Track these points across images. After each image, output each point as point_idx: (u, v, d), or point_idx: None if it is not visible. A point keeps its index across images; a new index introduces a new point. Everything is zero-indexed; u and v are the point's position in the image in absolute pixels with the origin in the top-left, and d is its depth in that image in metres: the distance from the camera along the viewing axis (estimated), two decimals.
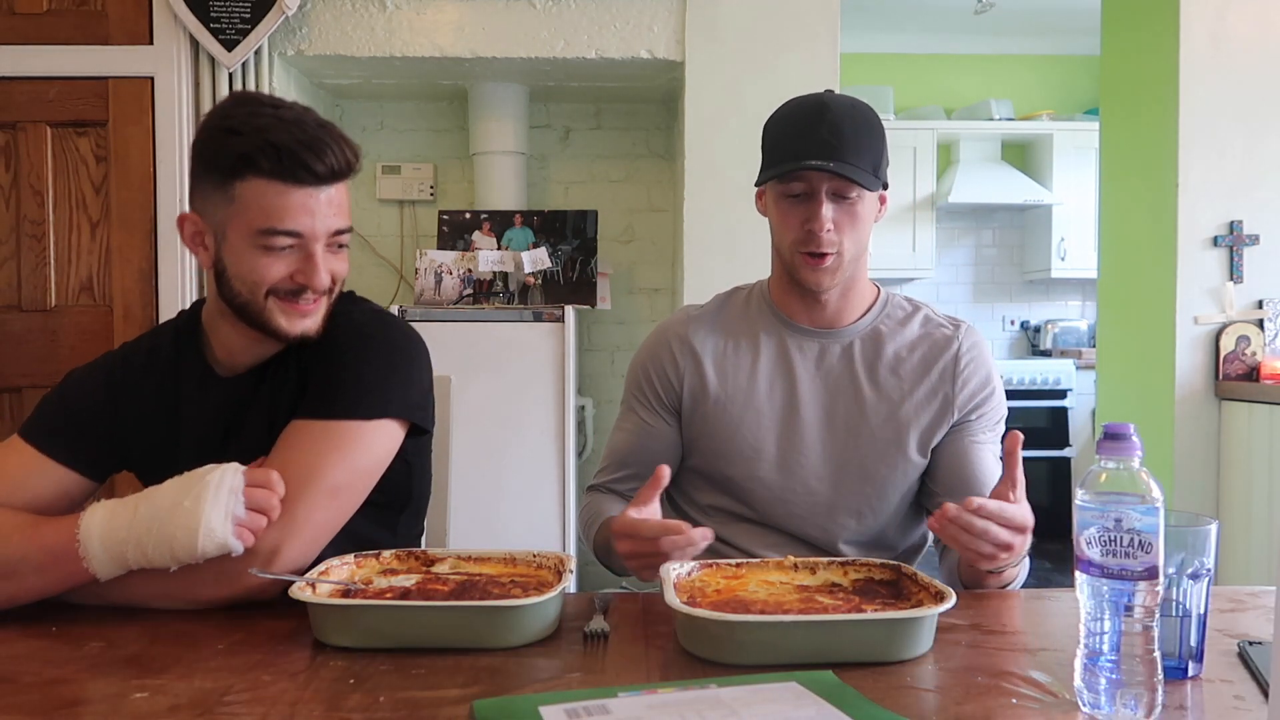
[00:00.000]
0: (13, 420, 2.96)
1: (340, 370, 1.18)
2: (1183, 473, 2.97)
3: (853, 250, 1.34)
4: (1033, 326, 5.31)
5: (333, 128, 1.15)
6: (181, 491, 1.02)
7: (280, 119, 1.12)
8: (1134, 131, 3.21)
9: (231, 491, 1.02)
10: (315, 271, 1.14)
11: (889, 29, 4.97)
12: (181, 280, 2.96)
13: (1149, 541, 0.74)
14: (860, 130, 1.30)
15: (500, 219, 3.38)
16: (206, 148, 1.14)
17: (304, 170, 1.10)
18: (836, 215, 1.30)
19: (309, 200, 1.12)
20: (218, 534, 1.00)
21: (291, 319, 1.16)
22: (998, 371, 1.43)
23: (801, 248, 1.32)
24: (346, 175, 1.15)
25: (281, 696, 0.81)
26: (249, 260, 1.13)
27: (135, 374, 1.25)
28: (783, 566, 1.08)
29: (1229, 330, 2.94)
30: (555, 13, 3.05)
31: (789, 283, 1.40)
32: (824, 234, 1.30)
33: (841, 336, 1.41)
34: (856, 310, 1.42)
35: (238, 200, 1.11)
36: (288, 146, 1.09)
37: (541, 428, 3.01)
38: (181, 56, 2.93)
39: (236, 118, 1.13)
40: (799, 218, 1.32)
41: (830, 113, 1.30)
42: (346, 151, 1.14)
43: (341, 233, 1.17)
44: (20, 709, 0.80)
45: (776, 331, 1.42)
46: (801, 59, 3.05)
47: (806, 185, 1.30)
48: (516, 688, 0.84)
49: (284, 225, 1.11)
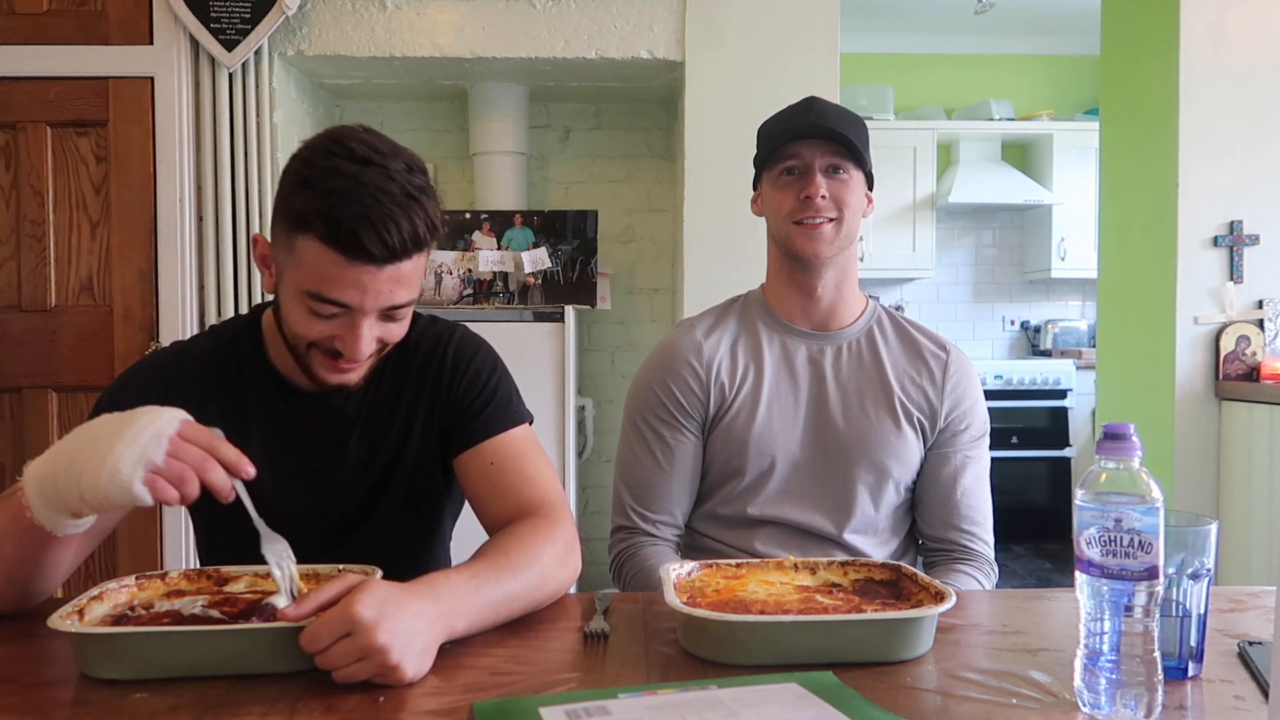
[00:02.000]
0: (13, 420, 2.96)
1: (485, 388, 1.24)
2: (1183, 473, 2.97)
3: (849, 223, 1.38)
4: (1033, 326, 5.31)
5: (419, 199, 1.04)
6: (111, 426, 0.90)
7: (358, 183, 1.01)
8: (1134, 131, 3.21)
9: (155, 436, 0.88)
10: (356, 343, 1.08)
11: (889, 29, 4.97)
12: (182, 280, 2.96)
13: (1149, 541, 0.74)
14: (846, 118, 1.39)
15: (500, 219, 3.38)
16: (282, 186, 1.08)
17: (361, 250, 1.02)
18: (831, 187, 1.36)
19: (364, 276, 1.03)
20: (123, 475, 0.86)
21: (330, 373, 1.13)
22: (979, 385, 1.49)
23: (797, 216, 1.37)
24: (415, 252, 1.06)
25: (282, 695, 0.81)
26: (296, 313, 1.09)
27: (189, 372, 1.21)
28: (783, 567, 1.08)
29: (1229, 330, 2.94)
30: (555, 13, 3.05)
31: (786, 277, 1.44)
32: (819, 198, 1.35)
33: (838, 339, 1.45)
34: (851, 312, 1.46)
35: (296, 253, 1.05)
36: (349, 223, 1.00)
37: (542, 428, 3.01)
38: (181, 56, 2.94)
39: (317, 167, 1.04)
40: (794, 190, 1.37)
41: (819, 103, 1.41)
42: (420, 228, 1.04)
43: (400, 307, 1.09)
44: (20, 709, 0.80)
45: (777, 336, 1.45)
46: (801, 59, 3.05)
47: (800, 161, 1.37)
48: (516, 687, 0.84)
49: (332, 295, 1.05)
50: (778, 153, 1.38)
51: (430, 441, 1.25)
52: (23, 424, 2.96)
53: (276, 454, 1.20)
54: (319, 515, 1.22)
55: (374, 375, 1.24)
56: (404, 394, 1.25)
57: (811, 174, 1.36)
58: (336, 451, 1.23)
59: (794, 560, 1.09)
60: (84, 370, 2.95)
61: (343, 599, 0.84)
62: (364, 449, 1.23)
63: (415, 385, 1.25)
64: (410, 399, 1.25)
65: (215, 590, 1.02)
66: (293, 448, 1.21)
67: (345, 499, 1.24)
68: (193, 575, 1.04)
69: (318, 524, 1.21)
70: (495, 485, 1.19)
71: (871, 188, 1.43)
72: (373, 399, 1.24)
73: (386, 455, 1.24)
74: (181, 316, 2.96)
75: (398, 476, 1.25)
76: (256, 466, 1.15)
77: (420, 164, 1.09)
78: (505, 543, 1.05)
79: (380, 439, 1.24)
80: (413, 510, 1.28)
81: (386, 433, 1.24)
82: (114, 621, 0.93)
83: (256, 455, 1.19)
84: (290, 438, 1.22)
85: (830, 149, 1.36)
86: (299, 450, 1.22)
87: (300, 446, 1.22)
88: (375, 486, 1.24)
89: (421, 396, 1.25)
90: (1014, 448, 4.71)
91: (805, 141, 1.36)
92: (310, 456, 1.22)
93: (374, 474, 1.24)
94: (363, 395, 1.24)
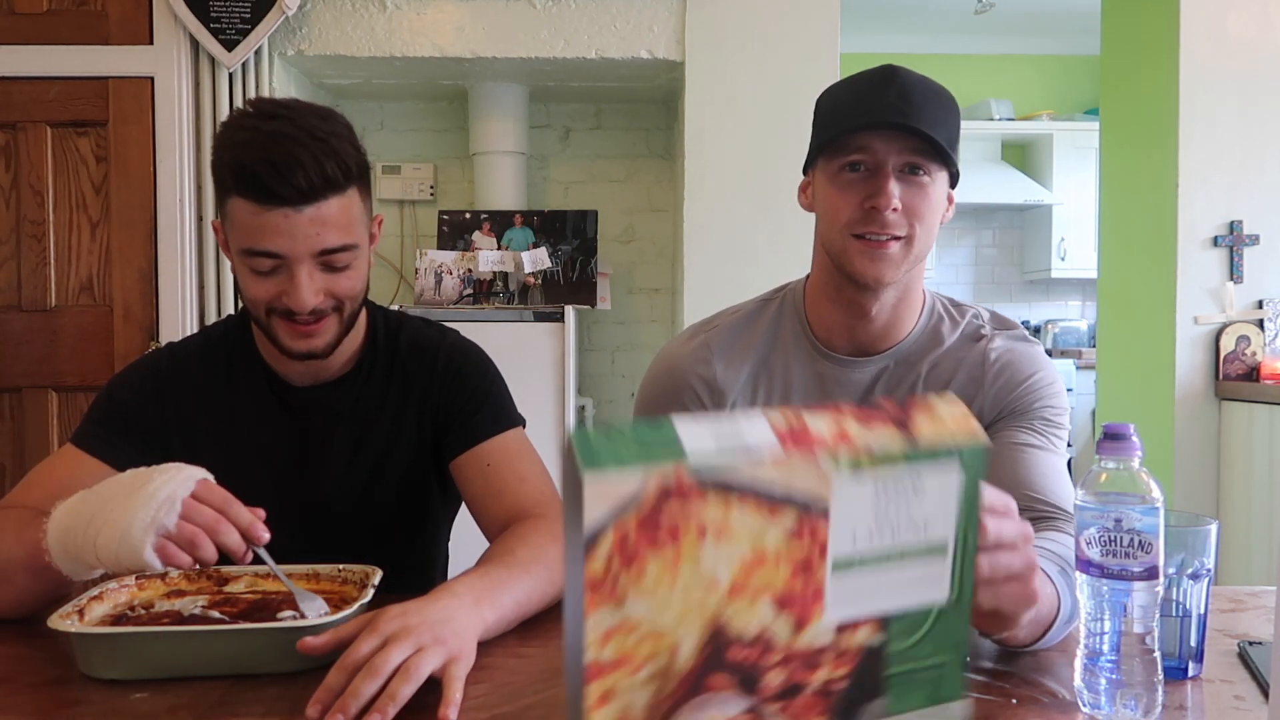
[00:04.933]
0: (13, 420, 2.96)
1: (477, 392, 1.25)
2: (1183, 473, 2.97)
3: (923, 243, 1.11)
4: (1033, 326, 5.31)
5: (327, 140, 1.06)
6: (128, 485, 0.90)
7: (260, 134, 1.04)
8: (1134, 131, 3.21)
9: (168, 500, 0.87)
10: (298, 292, 1.07)
11: (889, 29, 4.97)
12: (181, 280, 2.96)
13: (1149, 541, 0.74)
14: (933, 101, 1.08)
15: (500, 219, 3.38)
16: (212, 159, 1.11)
17: (268, 193, 1.03)
18: (905, 194, 1.08)
19: (284, 221, 1.05)
20: (134, 542, 0.86)
21: (294, 338, 1.12)
22: (1051, 372, 1.19)
23: (858, 229, 1.09)
24: (332, 192, 1.06)
25: (283, 695, 0.81)
26: (243, 278, 1.11)
27: (182, 368, 1.23)
28: None
29: (1229, 330, 2.94)
30: (555, 13, 3.05)
31: (834, 291, 1.17)
32: (888, 213, 1.07)
33: (881, 361, 1.19)
34: (904, 329, 1.19)
35: (228, 217, 1.09)
36: (251, 168, 1.03)
37: (542, 428, 3.00)
38: (181, 56, 2.94)
39: (228, 130, 1.08)
40: (858, 195, 1.09)
41: (900, 78, 1.08)
42: (329, 167, 1.05)
43: (334, 251, 1.08)
44: (20, 709, 0.80)
45: (810, 364, 1.20)
46: (801, 59, 3.05)
47: (870, 156, 1.08)
48: (514, 687, 0.83)
49: (260, 246, 1.06)
50: (842, 141, 1.09)
51: (421, 443, 1.26)
52: (23, 424, 2.96)
53: (268, 448, 1.22)
54: (309, 510, 1.22)
55: (362, 372, 1.25)
56: (392, 393, 1.25)
57: (883, 176, 1.07)
58: (323, 447, 1.23)
59: None
60: (84, 370, 2.95)
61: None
62: (348, 445, 1.24)
63: (405, 386, 1.25)
64: (398, 399, 1.25)
65: (215, 590, 1.02)
66: (283, 442, 1.22)
67: (333, 495, 1.24)
68: (193, 575, 1.03)
69: (309, 519, 1.21)
70: (492, 487, 1.19)
71: (955, 184, 1.14)
72: (359, 396, 1.25)
73: (373, 453, 1.24)
74: (181, 316, 2.96)
75: (386, 476, 1.25)
76: (248, 461, 1.15)
77: (341, 119, 1.11)
78: (510, 543, 1.05)
79: (365, 436, 1.24)
80: (405, 511, 1.28)
81: (372, 431, 1.24)
82: (114, 621, 0.93)
83: (248, 449, 1.20)
84: (277, 427, 1.23)
85: (911, 144, 1.07)
86: (288, 444, 1.22)
87: (289, 441, 1.23)
88: (364, 484, 1.25)
89: (410, 398, 1.25)
90: None
91: (879, 133, 1.07)
92: (298, 451, 1.23)
93: (360, 471, 1.24)
94: (350, 392, 1.24)
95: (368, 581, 0.97)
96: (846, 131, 1.08)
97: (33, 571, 0.96)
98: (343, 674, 0.78)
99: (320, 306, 1.10)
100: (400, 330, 1.28)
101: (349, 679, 0.77)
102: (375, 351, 1.26)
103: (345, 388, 1.24)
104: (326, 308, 1.11)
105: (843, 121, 1.09)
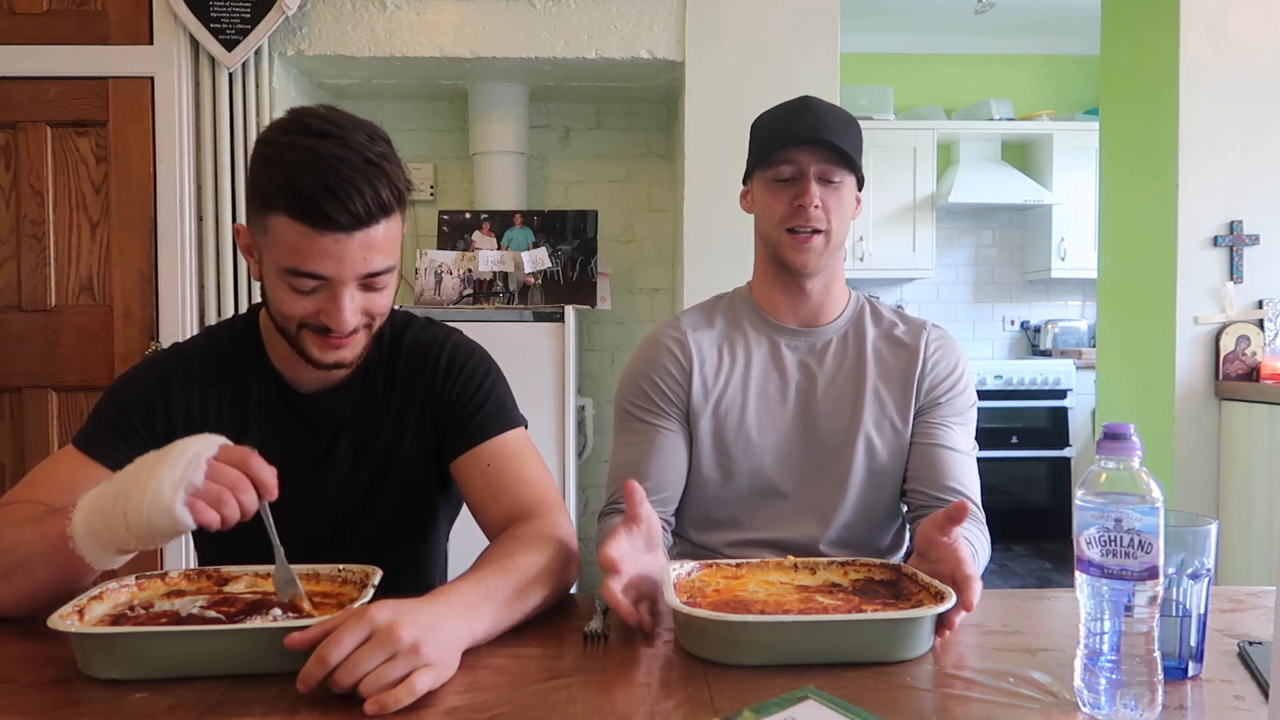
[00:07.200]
0: (13, 420, 2.96)
1: (478, 392, 1.25)
2: (1183, 473, 2.97)
3: (838, 233, 1.39)
4: (1033, 326, 5.31)
5: (380, 165, 1.05)
6: (153, 457, 0.93)
7: (314, 154, 1.02)
8: (1134, 131, 3.21)
9: (194, 459, 0.91)
10: (340, 314, 1.08)
11: (889, 29, 4.97)
12: (181, 280, 2.96)
13: (1149, 541, 0.74)
14: (841, 122, 1.38)
15: (500, 219, 3.38)
16: (249, 170, 1.10)
17: (324, 218, 1.03)
18: (823, 195, 1.36)
19: (334, 245, 1.04)
20: (165, 498, 0.88)
21: (325, 350, 1.13)
22: (967, 364, 1.47)
23: (789, 224, 1.38)
24: (382, 218, 1.06)
25: (283, 695, 0.81)
26: (279, 293, 1.10)
27: (189, 372, 1.22)
28: (782, 566, 1.08)
29: (1229, 330, 2.94)
30: (555, 13, 3.05)
31: (774, 277, 1.45)
32: (812, 209, 1.35)
33: (826, 333, 1.46)
34: (837, 307, 1.47)
35: (269, 232, 1.07)
36: (309, 193, 1.01)
37: (542, 428, 3.01)
38: (181, 56, 2.94)
39: (275, 146, 1.05)
40: (788, 196, 1.38)
41: (814, 104, 1.39)
42: (384, 193, 1.05)
43: (377, 274, 1.09)
44: (20, 709, 0.80)
45: (765, 332, 1.46)
46: (801, 59, 3.05)
47: (794, 168, 1.37)
48: (514, 687, 0.84)
49: (307, 268, 1.06)
50: (772, 156, 1.38)
51: (423, 444, 1.26)
52: (23, 424, 2.96)
53: (274, 451, 1.20)
54: (314, 513, 1.22)
55: (367, 375, 1.25)
56: (395, 395, 1.25)
57: (806, 182, 1.36)
58: (328, 450, 1.24)
59: (794, 560, 1.09)
60: (84, 370, 2.95)
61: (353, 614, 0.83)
62: (353, 448, 1.24)
63: (408, 387, 1.26)
64: (401, 400, 1.25)
65: (215, 590, 1.02)
66: (289, 445, 1.22)
67: (338, 497, 1.24)
68: (193, 575, 1.04)
69: (313, 522, 1.21)
70: (493, 487, 1.19)
71: (861, 188, 1.43)
72: (364, 399, 1.25)
73: (376, 456, 1.25)
74: (181, 316, 2.96)
75: (389, 478, 1.25)
76: None
77: (382, 134, 1.10)
78: (507, 545, 1.05)
79: (370, 439, 1.24)
80: (406, 512, 1.28)
81: (376, 433, 1.25)
82: (114, 621, 0.93)
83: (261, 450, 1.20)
84: (287, 435, 1.22)
85: (825, 156, 1.35)
86: (294, 447, 1.22)
87: (295, 444, 1.23)
88: (367, 486, 1.25)
89: (413, 399, 1.25)
90: (1014, 448, 4.72)
91: (800, 148, 1.35)
92: (304, 454, 1.23)
93: (364, 474, 1.25)
94: (355, 395, 1.24)
95: (367, 582, 0.98)
96: (776, 148, 1.37)
97: (53, 563, 0.97)
98: (320, 666, 0.79)
99: (356, 324, 1.11)
100: (404, 331, 1.28)
101: (326, 672, 0.79)
102: (380, 353, 1.26)
103: (351, 392, 1.24)
104: (360, 324, 1.12)
105: (773, 141, 1.38)
